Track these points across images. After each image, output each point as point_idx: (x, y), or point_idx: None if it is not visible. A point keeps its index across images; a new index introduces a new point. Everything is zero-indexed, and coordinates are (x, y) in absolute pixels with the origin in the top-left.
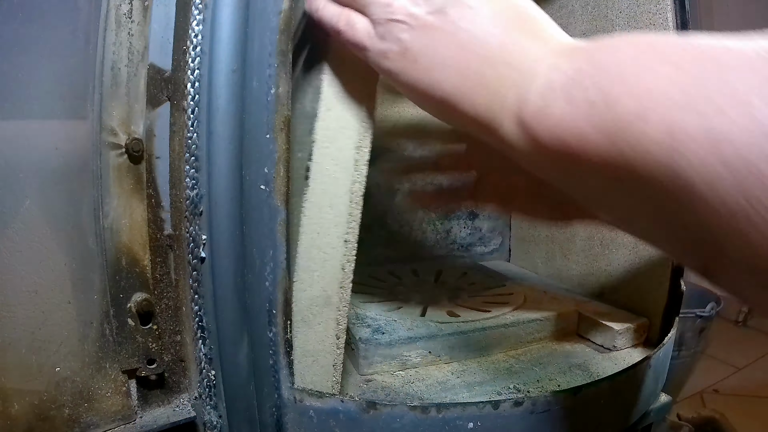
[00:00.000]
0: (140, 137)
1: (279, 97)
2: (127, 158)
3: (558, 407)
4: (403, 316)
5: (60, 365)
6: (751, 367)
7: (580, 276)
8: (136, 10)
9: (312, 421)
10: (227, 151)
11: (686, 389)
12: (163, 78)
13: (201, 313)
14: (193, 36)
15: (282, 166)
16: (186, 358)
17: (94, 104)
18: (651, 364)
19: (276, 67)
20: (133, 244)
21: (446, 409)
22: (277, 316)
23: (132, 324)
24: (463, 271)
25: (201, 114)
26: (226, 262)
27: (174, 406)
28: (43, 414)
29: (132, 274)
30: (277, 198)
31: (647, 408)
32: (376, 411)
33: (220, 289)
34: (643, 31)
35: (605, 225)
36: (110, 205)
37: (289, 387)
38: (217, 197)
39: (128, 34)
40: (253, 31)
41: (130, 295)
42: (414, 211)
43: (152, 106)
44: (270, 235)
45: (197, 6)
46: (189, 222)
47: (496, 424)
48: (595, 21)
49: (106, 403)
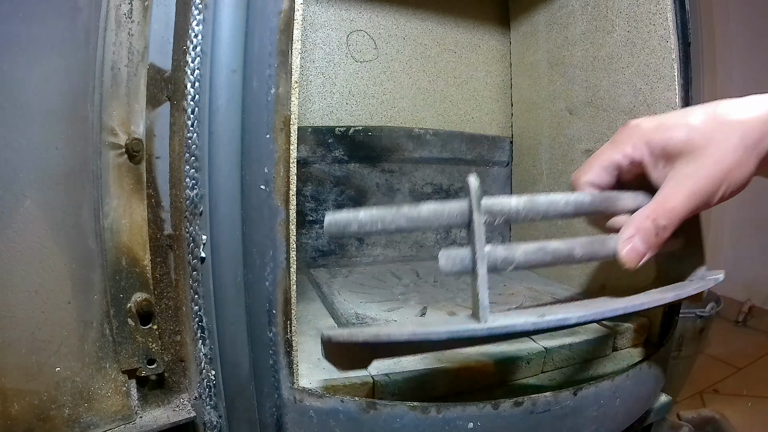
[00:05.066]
0: (140, 137)
1: (279, 97)
2: (127, 158)
3: (558, 407)
4: (403, 316)
5: (60, 365)
6: (751, 367)
7: (580, 276)
8: (136, 10)
9: (312, 421)
10: (227, 151)
11: (686, 389)
12: (163, 78)
13: (201, 313)
14: (193, 36)
15: (282, 166)
16: (186, 358)
17: (94, 104)
18: (651, 364)
19: (276, 67)
20: (133, 244)
21: (446, 409)
22: (277, 316)
23: (132, 324)
24: None
25: (201, 114)
26: (226, 262)
27: (174, 406)
28: (43, 414)
29: (132, 274)
30: (277, 198)
31: (647, 408)
32: (376, 411)
33: (220, 289)
34: (643, 32)
35: None
36: (110, 205)
37: (289, 387)
38: (217, 197)
39: (128, 34)
40: (253, 31)
41: (130, 295)
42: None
43: (152, 106)
44: (270, 235)
45: (197, 6)
46: (189, 222)
47: (496, 424)
48: (595, 21)
49: (106, 403)
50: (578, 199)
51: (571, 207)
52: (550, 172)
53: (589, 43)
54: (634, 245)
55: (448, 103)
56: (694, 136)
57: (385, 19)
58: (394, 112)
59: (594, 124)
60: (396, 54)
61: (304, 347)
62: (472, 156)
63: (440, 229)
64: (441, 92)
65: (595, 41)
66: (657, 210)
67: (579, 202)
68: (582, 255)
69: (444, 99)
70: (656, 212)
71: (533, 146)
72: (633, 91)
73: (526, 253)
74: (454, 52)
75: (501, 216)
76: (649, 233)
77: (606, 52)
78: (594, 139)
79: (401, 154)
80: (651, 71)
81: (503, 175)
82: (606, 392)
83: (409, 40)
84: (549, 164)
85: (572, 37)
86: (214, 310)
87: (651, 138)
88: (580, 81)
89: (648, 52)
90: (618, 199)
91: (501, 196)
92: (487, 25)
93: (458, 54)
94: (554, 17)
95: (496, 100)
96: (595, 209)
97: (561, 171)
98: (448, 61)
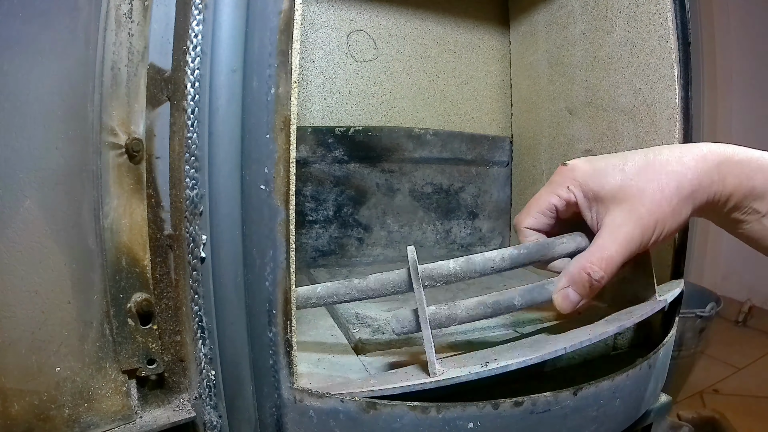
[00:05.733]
0: (140, 137)
1: (279, 97)
2: (127, 158)
3: (558, 407)
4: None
5: (60, 365)
6: (751, 367)
7: None
8: (136, 10)
9: (312, 421)
10: (227, 151)
11: (686, 389)
12: (163, 78)
13: (201, 313)
14: (193, 36)
15: (282, 166)
16: (186, 358)
17: (94, 104)
18: (651, 364)
19: (276, 67)
20: (133, 244)
21: (446, 409)
22: (277, 316)
23: (132, 324)
24: None
25: (201, 114)
26: (226, 262)
27: (174, 406)
28: (43, 414)
29: (132, 274)
30: (277, 198)
31: (647, 408)
32: (376, 411)
33: (220, 289)
34: (643, 32)
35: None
36: (110, 205)
37: (289, 387)
38: (217, 197)
39: (128, 34)
40: (253, 31)
41: (130, 295)
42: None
43: (152, 106)
44: (270, 235)
45: (197, 6)
46: (189, 222)
47: (496, 424)
48: (595, 21)
49: (106, 403)
50: (513, 255)
51: (507, 262)
52: (550, 172)
53: (588, 43)
54: (568, 295)
55: (448, 103)
56: (629, 184)
57: (385, 19)
58: (394, 112)
59: (594, 124)
60: (396, 54)
61: (304, 347)
62: (472, 156)
63: (390, 295)
64: (441, 92)
65: (595, 41)
66: (592, 260)
67: (514, 257)
68: (522, 303)
69: (444, 99)
70: (591, 263)
71: (533, 146)
72: (633, 91)
73: (467, 309)
74: (454, 52)
75: (441, 279)
76: (583, 285)
77: (606, 52)
78: (594, 139)
79: (401, 154)
80: (651, 71)
81: (503, 175)
82: (606, 392)
83: (409, 40)
84: (549, 164)
85: (572, 37)
86: (214, 310)
87: (585, 182)
88: (580, 81)
89: (648, 52)
90: (555, 245)
91: (439, 262)
92: (486, 25)
93: (458, 54)
94: (554, 17)
95: (496, 100)
96: (531, 260)
97: None
98: (448, 61)
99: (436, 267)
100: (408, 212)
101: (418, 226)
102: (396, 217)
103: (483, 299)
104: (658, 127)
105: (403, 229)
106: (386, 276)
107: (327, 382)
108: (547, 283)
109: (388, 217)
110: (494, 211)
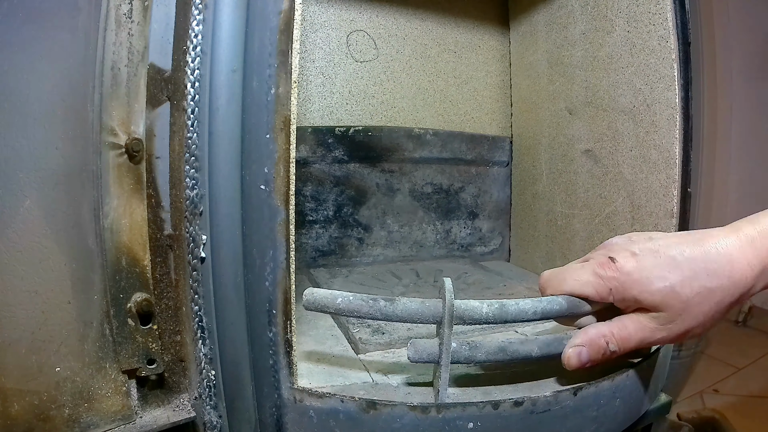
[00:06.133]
0: (140, 137)
1: (279, 97)
2: (127, 158)
3: (558, 407)
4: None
5: (60, 365)
6: (751, 367)
7: None
8: (136, 10)
9: (312, 421)
10: (227, 151)
11: (686, 389)
12: (163, 78)
13: (201, 313)
14: (193, 36)
15: (282, 166)
16: (186, 358)
17: (94, 104)
18: (651, 364)
19: (276, 67)
20: (133, 244)
21: (446, 409)
22: (277, 316)
23: (132, 324)
24: (463, 271)
25: (201, 114)
26: (226, 262)
27: (174, 406)
28: (43, 414)
29: (132, 274)
30: (277, 198)
31: (647, 408)
32: (376, 411)
33: (220, 289)
34: (643, 32)
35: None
36: (110, 205)
37: (289, 387)
38: (217, 197)
39: (128, 34)
40: (253, 31)
41: (130, 295)
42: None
43: (152, 106)
44: (270, 235)
45: (197, 6)
46: (189, 222)
47: (496, 424)
48: (594, 21)
49: (106, 403)
50: (546, 308)
51: (539, 315)
52: (550, 172)
53: (588, 43)
54: (580, 353)
55: (448, 103)
56: (672, 302)
57: (385, 19)
58: (394, 112)
59: (594, 124)
60: (396, 54)
61: (304, 347)
62: (472, 156)
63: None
64: (441, 92)
65: (595, 41)
66: (613, 332)
67: (546, 312)
68: (539, 355)
69: (444, 99)
70: (612, 335)
71: (533, 146)
72: (633, 91)
73: (487, 353)
74: (454, 52)
75: (471, 322)
76: (598, 351)
77: (606, 52)
78: (594, 139)
79: (401, 154)
80: (651, 71)
81: (503, 174)
82: (606, 392)
83: (409, 40)
84: (549, 164)
85: (572, 37)
86: (214, 310)
87: (628, 289)
88: (580, 81)
89: (648, 52)
90: (584, 306)
91: (472, 302)
92: (486, 25)
93: (458, 54)
94: (554, 17)
95: (496, 100)
96: (561, 315)
97: (561, 171)
98: (448, 61)
99: (469, 309)
100: (408, 212)
101: (418, 226)
102: (396, 217)
103: (504, 347)
104: (658, 127)
105: (403, 229)
106: (417, 307)
107: (327, 382)
108: (566, 338)
109: (388, 217)
110: (494, 211)
